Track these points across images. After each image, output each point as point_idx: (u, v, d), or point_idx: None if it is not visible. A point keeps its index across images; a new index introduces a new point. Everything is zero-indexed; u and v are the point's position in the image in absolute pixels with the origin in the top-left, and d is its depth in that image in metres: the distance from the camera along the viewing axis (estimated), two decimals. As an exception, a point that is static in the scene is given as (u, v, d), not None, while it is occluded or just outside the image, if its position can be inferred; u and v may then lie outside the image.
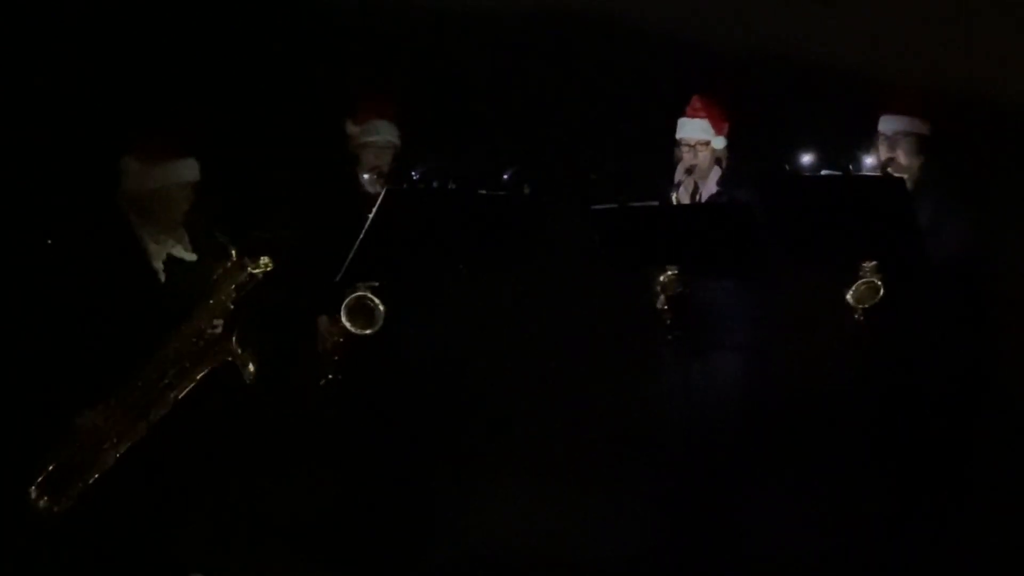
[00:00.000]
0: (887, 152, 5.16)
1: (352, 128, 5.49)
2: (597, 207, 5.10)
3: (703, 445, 5.45)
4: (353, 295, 5.06)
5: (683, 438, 5.49)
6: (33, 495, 4.57)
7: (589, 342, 6.46)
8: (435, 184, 5.12)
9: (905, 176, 5.11)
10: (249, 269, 4.63)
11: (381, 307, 5.06)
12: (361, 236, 4.81)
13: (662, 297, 5.34)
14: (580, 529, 5.74)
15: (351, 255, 4.83)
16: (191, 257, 4.74)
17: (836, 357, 5.59)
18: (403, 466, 5.50)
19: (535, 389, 6.32)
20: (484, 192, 5.06)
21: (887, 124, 5.19)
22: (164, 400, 4.61)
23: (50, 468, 4.57)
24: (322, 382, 5.28)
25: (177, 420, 4.67)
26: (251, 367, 4.65)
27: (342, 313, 5.08)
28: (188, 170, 4.71)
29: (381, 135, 5.45)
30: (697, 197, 5.48)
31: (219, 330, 4.61)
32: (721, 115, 5.52)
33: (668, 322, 5.36)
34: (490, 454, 6.12)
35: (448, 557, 5.50)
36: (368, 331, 5.09)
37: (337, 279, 4.91)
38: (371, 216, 4.79)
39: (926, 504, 5.14)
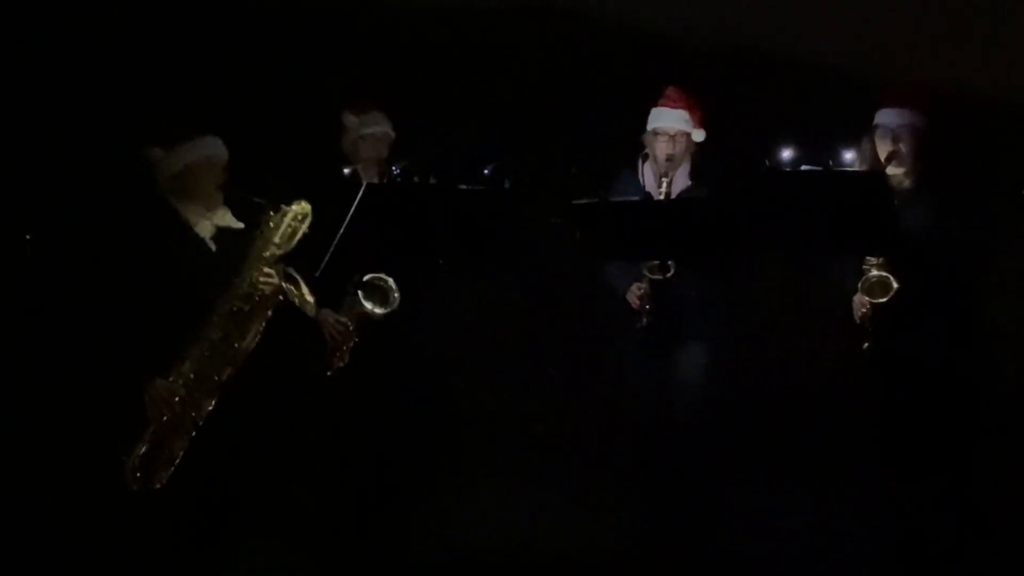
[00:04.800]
0: (890, 146, 5.12)
1: (351, 119, 5.50)
2: (578, 202, 5.10)
3: (681, 438, 5.47)
4: (368, 276, 5.17)
5: (661, 431, 5.50)
6: (132, 476, 4.70)
7: (569, 336, 6.47)
8: (415, 179, 5.13)
9: (908, 170, 5.12)
10: (289, 214, 4.79)
11: (394, 287, 5.16)
12: (341, 230, 4.81)
13: (644, 284, 5.34)
14: (558, 523, 5.74)
15: (331, 249, 4.84)
16: (239, 225, 4.88)
17: (816, 350, 5.61)
18: (383, 462, 5.51)
19: (515, 384, 6.34)
20: (464, 187, 5.06)
21: (889, 117, 5.14)
22: (232, 356, 4.75)
23: (143, 448, 4.70)
24: (330, 373, 5.31)
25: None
26: (309, 300, 4.83)
27: (359, 294, 5.17)
28: (210, 147, 4.85)
29: (381, 126, 5.48)
30: (668, 189, 5.48)
31: (273, 279, 4.76)
32: (699, 108, 5.52)
33: (646, 307, 5.34)
34: (469, 450, 6.13)
35: (428, 553, 5.51)
36: (384, 310, 5.19)
37: (317, 274, 4.92)
38: (351, 211, 4.80)
39: (917, 501, 5.14)
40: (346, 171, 5.45)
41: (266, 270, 4.77)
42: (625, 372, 5.69)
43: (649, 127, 5.55)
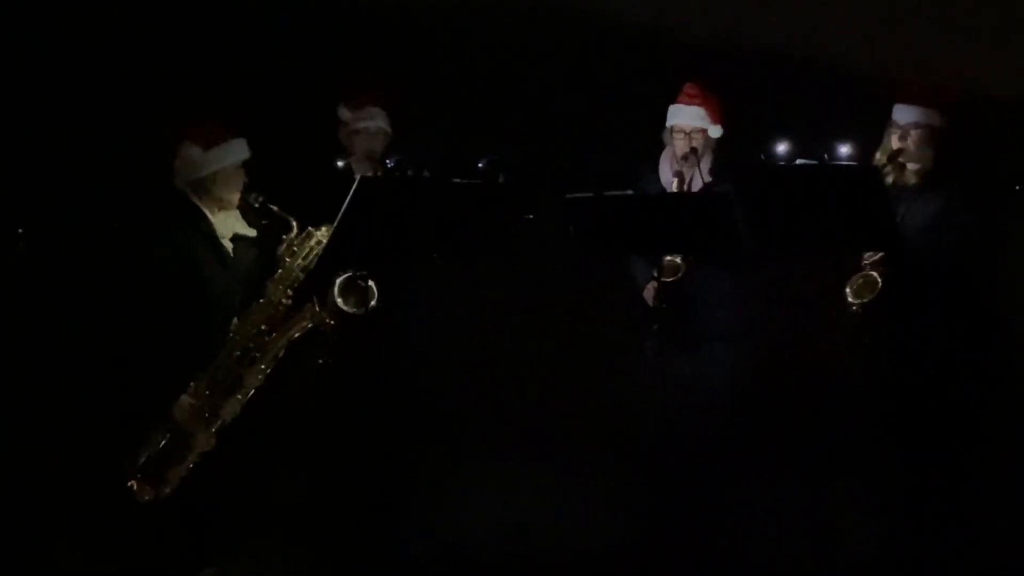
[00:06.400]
0: (898, 142, 5.10)
1: (346, 113, 5.49)
2: (572, 196, 5.08)
3: (685, 436, 5.45)
4: (345, 275, 5.11)
5: (665, 429, 5.48)
6: (134, 486, 4.72)
7: (569, 333, 6.47)
8: (410, 172, 5.12)
9: (916, 167, 5.11)
10: (313, 237, 4.84)
11: (373, 286, 5.14)
12: (335, 224, 4.81)
13: (655, 283, 5.33)
14: (563, 520, 5.74)
15: (325, 243, 4.83)
16: (251, 232, 4.92)
17: (821, 347, 5.60)
18: (385, 456, 5.50)
19: (511, 380, 6.34)
20: (459, 180, 5.05)
21: (901, 114, 5.12)
22: (253, 373, 4.78)
23: (146, 457, 4.73)
24: (313, 368, 5.28)
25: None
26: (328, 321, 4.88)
27: (335, 291, 5.14)
28: (241, 150, 4.90)
29: (375, 121, 5.46)
30: (686, 186, 5.46)
31: (290, 301, 4.80)
32: (716, 103, 5.50)
33: (662, 306, 5.33)
34: (473, 447, 6.13)
35: (430, 548, 5.50)
36: (361, 310, 5.15)
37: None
38: (345, 204, 4.79)
39: (920, 498, 5.11)
40: (339, 164, 5.45)
41: (289, 292, 4.82)
42: (629, 368, 5.67)
43: (667, 124, 5.55)
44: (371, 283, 5.13)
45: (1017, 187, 6.16)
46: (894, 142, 5.12)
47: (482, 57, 6.25)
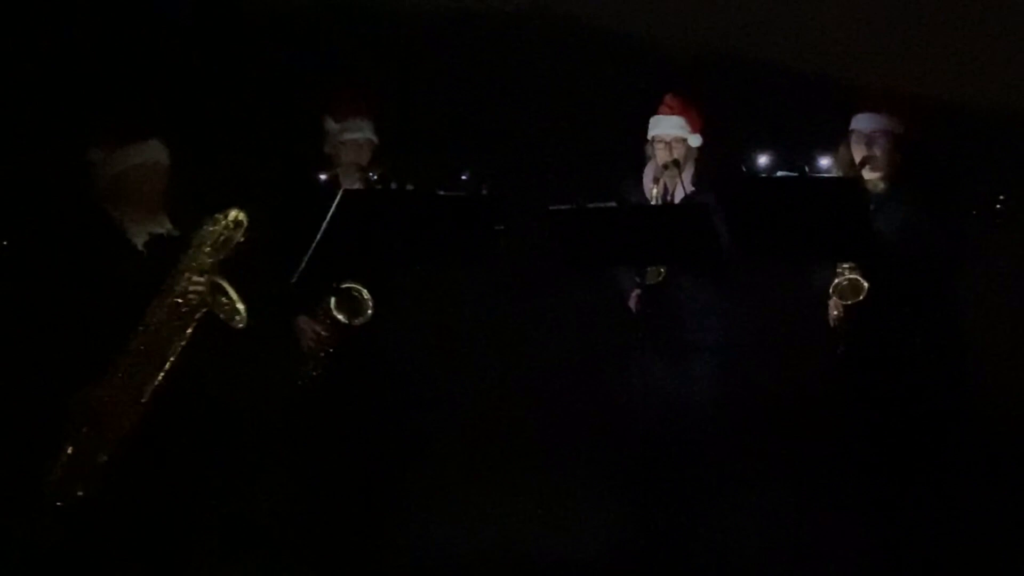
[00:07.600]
0: (864, 151, 5.12)
1: (332, 125, 5.48)
2: (555, 207, 5.10)
3: (669, 446, 5.47)
4: (340, 286, 5.13)
5: (649, 439, 5.50)
6: (50, 484, 4.64)
7: (554, 342, 6.49)
8: (393, 184, 5.12)
9: (883, 175, 5.13)
10: (220, 222, 4.71)
11: (368, 297, 5.14)
12: (318, 237, 4.81)
13: (638, 291, 5.33)
14: (547, 530, 5.75)
15: (308, 255, 4.83)
16: (176, 233, 4.83)
17: (804, 356, 5.63)
18: (371, 466, 5.49)
19: (494, 390, 6.35)
20: (442, 192, 5.06)
21: (864, 122, 5.14)
22: (158, 365, 4.67)
23: (68, 453, 4.64)
24: (301, 382, 5.30)
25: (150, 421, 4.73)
26: (239, 309, 4.72)
27: (331, 303, 5.14)
28: (151, 151, 4.79)
29: (362, 132, 5.46)
30: (669, 197, 5.48)
31: (203, 288, 4.67)
32: (696, 113, 5.52)
33: (646, 311, 5.34)
34: (460, 456, 6.13)
35: (417, 557, 5.50)
36: (357, 321, 5.16)
37: (293, 280, 4.91)
38: (328, 216, 4.80)
39: (903, 504, 5.14)
40: (322, 177, 5.45)
41: (195, 278, 4.69)
42: (613, 377, 5.68)
43: (649, 135, 5.56)
44: (365, 294, 5.16)
45: (1000, 197, 6.19)
46: (860, 150, 5.14)
47: (465, 69, 6.27)
